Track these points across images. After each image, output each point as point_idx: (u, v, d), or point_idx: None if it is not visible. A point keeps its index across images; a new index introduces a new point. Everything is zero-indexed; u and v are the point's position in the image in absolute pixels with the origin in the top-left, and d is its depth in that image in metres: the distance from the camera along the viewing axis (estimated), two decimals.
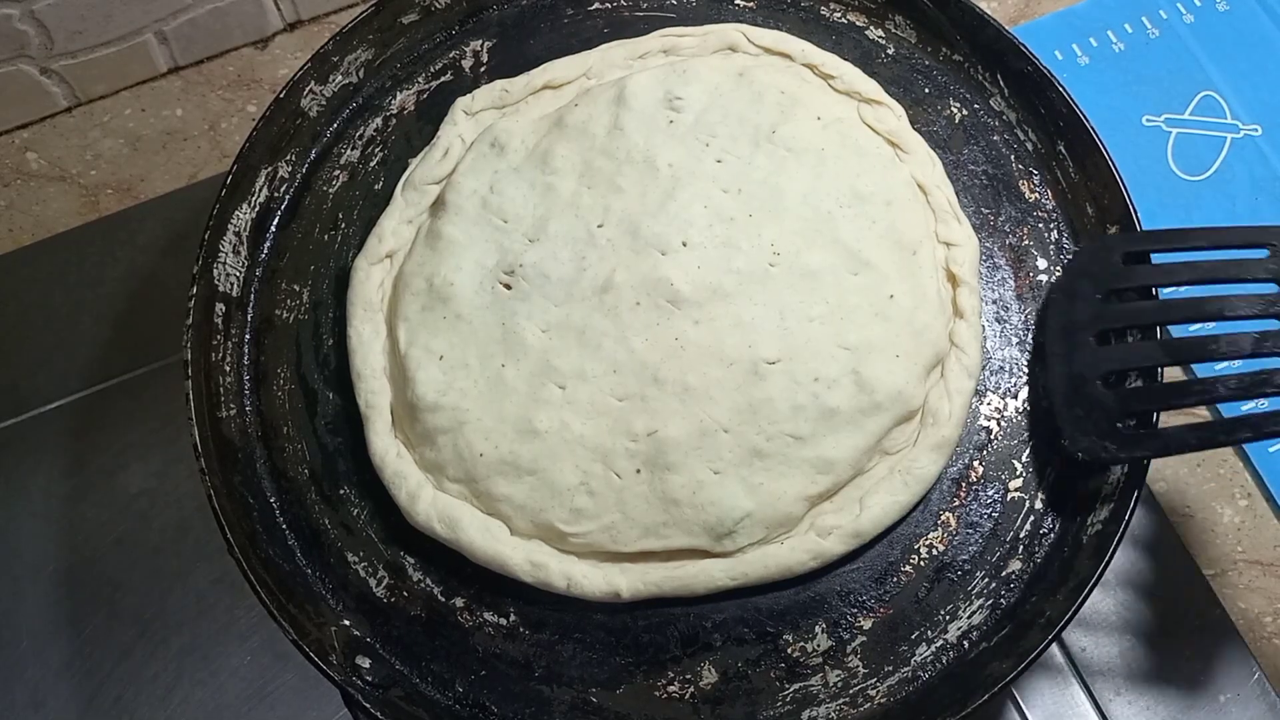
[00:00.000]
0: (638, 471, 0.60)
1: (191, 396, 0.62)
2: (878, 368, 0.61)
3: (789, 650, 0.60)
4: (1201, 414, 0.75)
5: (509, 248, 0.64)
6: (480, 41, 0.74)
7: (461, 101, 0.70)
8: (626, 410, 0.60)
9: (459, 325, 0.63)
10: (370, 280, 0.66)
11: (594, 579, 0.59)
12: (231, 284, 0.67)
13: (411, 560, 0.62)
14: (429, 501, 0.61)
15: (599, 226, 0.64)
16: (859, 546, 0.60)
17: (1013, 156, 0.70)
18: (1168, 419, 0.62)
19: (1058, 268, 0.68)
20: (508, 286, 0.64)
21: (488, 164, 0.67)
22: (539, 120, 0.68)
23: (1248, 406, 0.73)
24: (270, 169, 0.69)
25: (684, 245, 0.63)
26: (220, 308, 0.66)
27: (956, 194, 0.69)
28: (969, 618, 0.60)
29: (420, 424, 0.62)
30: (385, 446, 0.62)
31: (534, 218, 0.65)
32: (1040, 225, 0.69)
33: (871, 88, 0.69)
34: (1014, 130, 0.71)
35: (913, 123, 0.71)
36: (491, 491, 0.60)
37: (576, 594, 0.59)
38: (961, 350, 0.63)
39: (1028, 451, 0.64)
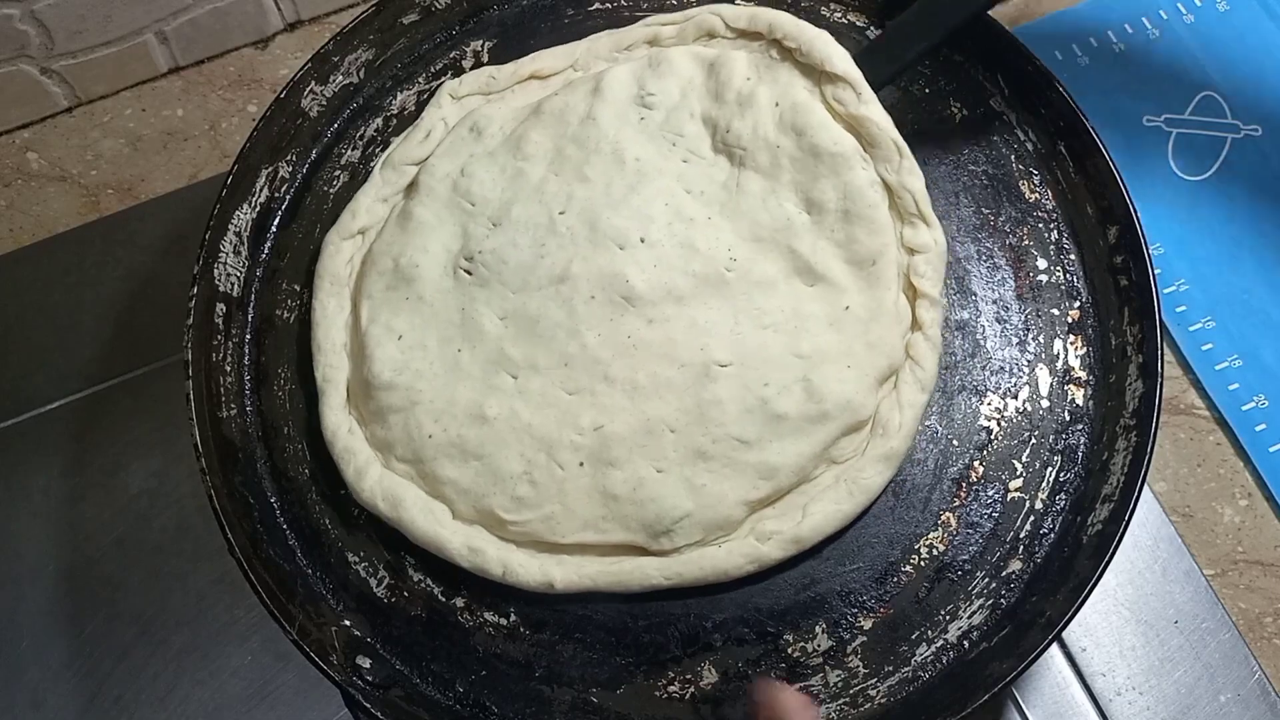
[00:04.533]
0: (581, 465, 0.60)
1: (192, 396, 0.62)
2: (829, 376, 0.61)
3: (789, 650, 0.60)
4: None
5: (473, 232, 0.65)
6: (480, 42, 0.74)
7: (448, 85, 0.70)
8: (575, 404, 0.61)
9: (420, 307, 0.64)
10: (340, 255, 0.67)
11: (530, 568, 0.59)
12: (232, 284, 0.67)
13: (412, 560, 0.62)
14: (375, 479, 0.61)
15: (560, 214, 0.64)
16: (799, 553, 0.60)
17: (1013, 156, 0.70)
18: None
19: (1057, 268, 0.68)
20: (469, 272, 0.64)
21: (464, 148, 0.67)
22: (521, 108, 0.69)
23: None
24: (271, 169, 0.69)
25: (642, 242, 0.63)
26: (221, 308, 0.66)
27: (957, 193, 0.69)
28: (969, 618, 0.60)
29: (374, 401, 0.62)
30: (338, 422, 0.63)
31: (500, 201, 0.65)
32: (1040, 225, 0.69)
33: (833, 57, 0.66)
34: (1014, 130, 0.71)
35: (914, 122, 0.71)
36: (437, 473, 0.61)
37: (511, 582, 0.59)
38: (917, 363, 0.63)
39: (1028, 451, 0.64)
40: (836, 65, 0.66)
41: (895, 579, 0.61)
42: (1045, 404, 0.65)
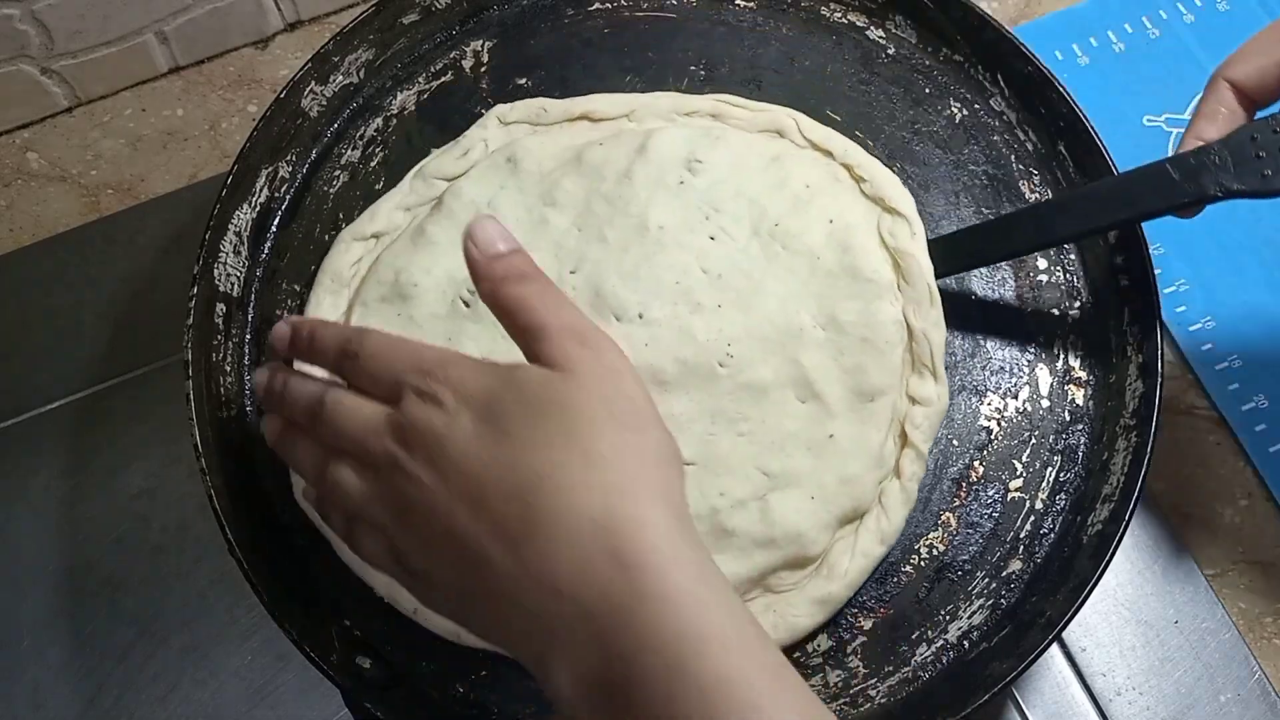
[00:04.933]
0: None
1: (191, 396, 0.62)
2: (788, 504, 0.59)
3: (789, 651, 0.60)
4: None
5: None
6: (481, 41, 0.74)
7: (499, 109, 0.69)
8: None
9: (409, 327, 0.63)
10: (348, 254, 0.66)
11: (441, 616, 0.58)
12: (232, 284, 0.67)
13: None
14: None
15: (571, 272, 0.63)
16: None
17: (1013, 156, 0.70)
18: None
19: (1058, 268, 0.68)
20: (467, 304, 0.63)
21: (496, 177, 0.66)
22: (565, 148, 0.67)
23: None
24: (271, 169, 0.69)
25: (640, 318, 0.62)
26: (221, 308, 0.66)
27: (957, 193, 0.69)
28: (969, 618, 0.60)
29: None
30: None
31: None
32: None
33: (898, 196, 0.66)
34: (1014, 130, 0.71)
35: (913, 123, 0.71)
36: None
37: (421, 621, 0.59)
38: (884, 513, 0.60)
39: (1028, 451, 0.64)
40: (901, 204, 0.65)
41: (895, 579, 0.61)
42: (1045, 404, 0.65)
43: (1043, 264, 0.68)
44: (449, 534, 0.43)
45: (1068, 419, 0.64)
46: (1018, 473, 0.64)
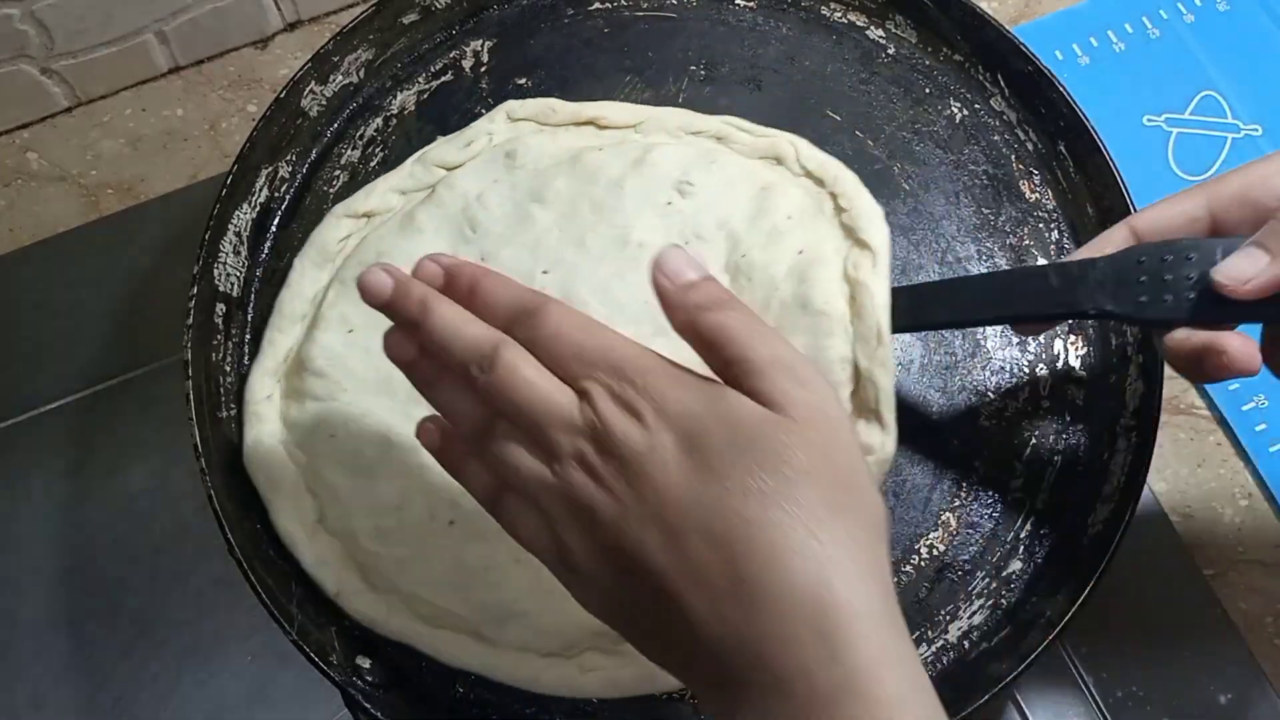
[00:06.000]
0: (451, 523, 0.58)
1: (191, 396, 0.62)
2: None
3: None
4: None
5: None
6: (480, 41, 0.74)
7: (510, 104, 0.69)
8: None
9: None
10: (338, 229, 0.66)
11: (361, 600, 0.59)
12: (232, 284, 0.67)
13: None
14: (265, 451, 0.61)
15: (544, 273, 0.62)
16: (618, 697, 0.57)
17: (1013, 156, 0.70)
18: None
19: None
20: None
21: (491, 171, 0.66)
22: (565, 149, 0.66)
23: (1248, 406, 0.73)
24: (270, 169, 0.69)
25: None
26: (220, 308, 0.66)
27: (957, 193, 0.69)
28: (969, 618, 0.60)
29: (300, 380, 0.62)
30: (261, 385, 0.63)
31: (497, 238, 0.63)
32: (1041, 225, 0.69)
33: (869, 228, 0.62)
34: (1014, 130, 0.71)
35: (913, 123, 0.71)
36: (321, 472, 0.60)
37: (342, 606, 0.59)
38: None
39: (1028, 451, 0.64)
40: (870, 235, 0.62)
41: (895, 579, 0.61)
42: (1045, 404, 0.65)
43: (1042, 262, 0.68)
44: (633, 555, 0.41)
45: (1068, 419, 0.64)
46: (1018, 472, 0.63)
